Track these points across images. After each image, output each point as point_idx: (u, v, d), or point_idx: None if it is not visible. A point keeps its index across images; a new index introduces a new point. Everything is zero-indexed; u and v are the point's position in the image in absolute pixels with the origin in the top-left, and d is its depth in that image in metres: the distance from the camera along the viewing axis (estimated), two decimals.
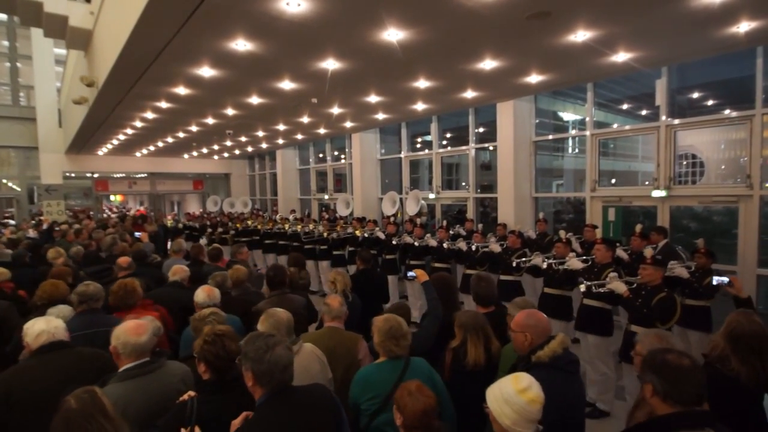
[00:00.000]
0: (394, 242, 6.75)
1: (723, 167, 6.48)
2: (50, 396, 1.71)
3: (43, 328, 2.12)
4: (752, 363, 1.95)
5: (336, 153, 12.07)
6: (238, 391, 1.73)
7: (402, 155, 9.76)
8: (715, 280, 3.52)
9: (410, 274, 3.46)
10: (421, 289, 3.16)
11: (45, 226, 9.55)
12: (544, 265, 4.65)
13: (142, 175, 15.95)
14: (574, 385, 1.99)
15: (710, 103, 5.87)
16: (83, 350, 2.20)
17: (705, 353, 2.16)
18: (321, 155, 12.60)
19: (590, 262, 4.35)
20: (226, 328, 1.92)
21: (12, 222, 12.87)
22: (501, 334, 2.56)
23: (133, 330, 1.96)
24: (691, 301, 4.11)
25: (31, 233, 8.74)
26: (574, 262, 4.29)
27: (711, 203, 5.54)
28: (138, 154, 13.96)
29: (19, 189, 13.96)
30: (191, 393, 1.80)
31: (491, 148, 8.06)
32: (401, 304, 3.21)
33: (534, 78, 5.48)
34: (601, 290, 3.66)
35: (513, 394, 1.48)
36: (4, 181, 14.30)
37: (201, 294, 2.96)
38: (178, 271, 3.78)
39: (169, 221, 12.27)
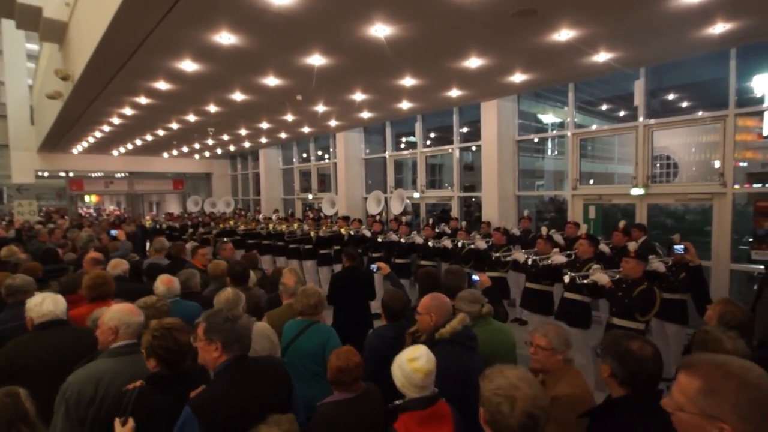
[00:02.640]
0: (379, 239, 6.76)
1: (694, 169, 6.76)
2: (48, 367, 2.04)
3: (51, 308, 2.30)
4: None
5: (320, 152, 12.00)
6: (184, 385, 1.77)
7: (387, 155, 9.77)
8: (676, 249, 3.69)
9: (373, 266, 3.72)
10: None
11: (17, 227, 9.24)
12: (523, 260, 4.74)
13: (120, 175, 15.50)
14: (472, 359, 2.16)
15: (685, 104, 6.09)
16: (77, 328, 2.39)
17: (689, 343, 2.23)
18: (305, 155, 12.50)
19: (573, 257, 4.45)
20: (174, 321, 1.90)
21: None
22: None
23: (131, 312, 2.08)
24: (668, 295, 4.23)
25: (0, 233, 8.42)
26: (558, 257, 4.38)
27: (687, 201, 5.73)
28: (115, 153, 13.55)
29: None
30: (137, 383, 1.79)
31: (474, 148, 8.16)
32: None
33: (518, 77, 5.57)
34: (585, 281, 3.75)
35: (404, 362, 1.72)
36: None
37: (160, 286, 3.02)
38: (117, 264, 3.79)
39: (147, 222, 11.96)
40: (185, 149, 13.10)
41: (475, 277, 3.24)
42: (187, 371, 1.85)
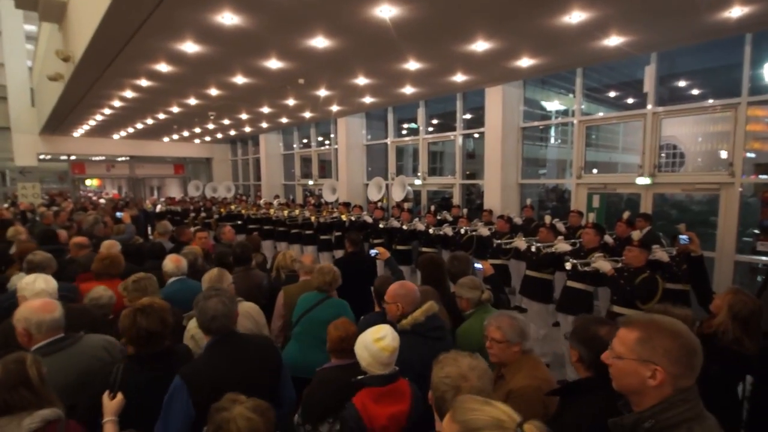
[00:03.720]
0: (381, 226, 6.74)
1: (700, 159, 6.67)
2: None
3: (43, 287, 2.31)
4: (757, 338, 2.07)
5: (321, 138, 11.90)
6: (167, 361, 1.84)
7: (388, 141, 9.68)
8: (681, 239, 3.65)
9: (373, 251, 3.77)
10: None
11: (21, 209, 9.33)
12: (524, 247, 4.71)
13: (121, 159, 15.43)
14: (434, 350, 1.99)
15: (695, 92, 5.97)
16: (73, 306, 2.36)
17: (704, 330, 2.22)
18: (305, 140, 12.41)
19: (578, 245, 4.42)
20: (155, 299, 1.96)
21: None
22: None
23: (41, 308, 1.91)
24: (670, 285, 4.20)
25: (6, 214, 8.48)
26: (562, 245, 4.35)
27: (694, 190, 5.67)
28: (116, 137, 13.46)
29: None
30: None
31: (476, 135, 8.07)
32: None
33: (525, 62, 5.46)
34: (587, 269, 3.73)
35: (370, 341, 1.78)
36: None
37: (169, 264, 3.10)
38: (111, 245, 3.83)
39: (148, 206, 11.98)
40: (186, 133, 13.00)
41: (478, 265, 3.20)
42: (170, 348, 1.91)
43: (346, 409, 1.77)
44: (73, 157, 14.40)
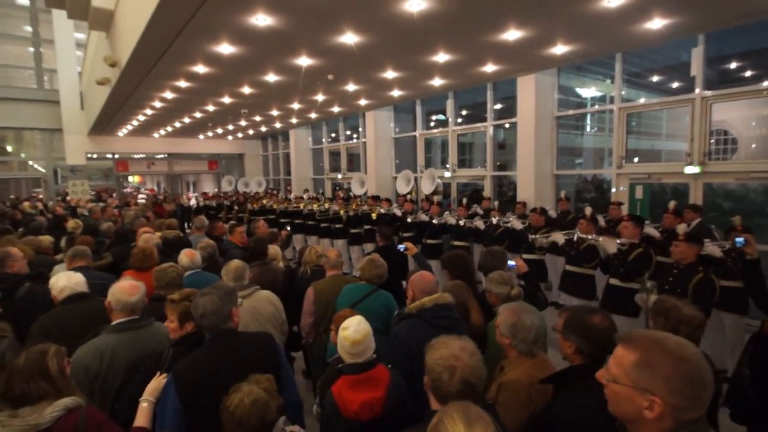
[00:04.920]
0: (409, 220, 6.70)
1: (754, 145, 6.20)
2: (75, 335, 2.10)
3: (65, 284, 2.43)
4: None
5: (349, 132, 11.97)
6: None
7: (417, 133, 9.61)
8: (737, 242, 3.44)
9: (401, 247, 3.80)
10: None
11: (72, 205, 10.05)
12: (562, 242, 4.55)
13: (160, 156, 16.17)
14: (435, 335, 1.99)
15: (747, 74, 5.55)
16: (99, 299, 2.44)
17: (765, 331, 2.11)
18: (334, 135, 12.52)
19: (624, 248, 3.95)
20: (191, 290, 2.07)
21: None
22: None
23: (127, 290, 2.13)
24: (725, 282, 3.86)
25: (59, 210, 9.14)
26: (611, 246, 3.90)
27: (749, 180, 5.28)
28: (156, 135, 14.13)
29: (44, 170, 14.42)
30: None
31: (507, 125, 7.87)
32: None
33: (560, 49, 5.26)
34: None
35: (340, 330, 1.90)
36: (30, 162, 14.72)
37: (184, 258, 3.28)
38: (149, 239, 4.10)
39: (185, 201, 12.52)
40: (219, 131, 13.44)
41: (511, 263, 3.11)
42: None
43: (326, 396, 1.87)
44: (117, 156, 15.24)
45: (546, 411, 1.64)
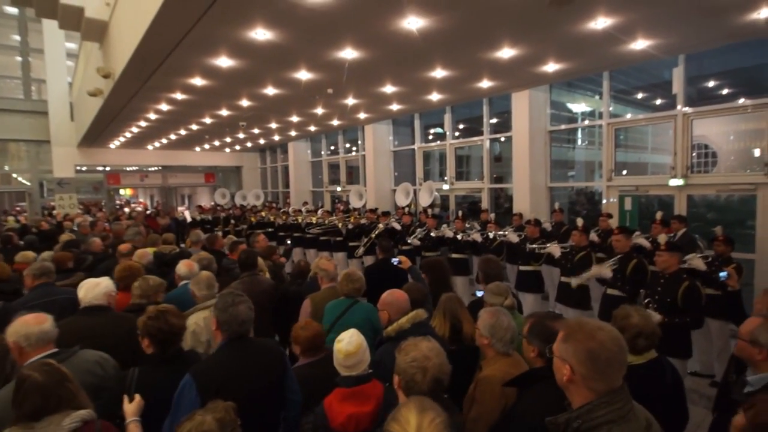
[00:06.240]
0: (408, 240, 6.67)
1: (733, 158, 6.41)
2: (90, 345, 2.08)
3: (82, 295, 2.44)
4: None
5: (348, 145, 12.08)
6: (179, 363, 1.94)
7: (415, 146, 9.75)
8: (721, 276, 3.65)
9: (395, 260, 3.88)
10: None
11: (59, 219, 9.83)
12: (558, 254, 4.65)
13: (154, 169, 16.02)
14: None
15: (725, 92, 5.80)
16: (115, 314, 2.50)
17: None
18: (333, 147, 12.62)
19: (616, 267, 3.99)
20: (169, 306, 2.07)
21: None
22: None
23: (32, 321, 1.89)
24: (710, 290, 4.04)
25: (45, 226, 8.89)
26: (605, 272, 3.93)
27: (729, 191, 5.50)
28: (150, 147, 13.97)
29: (29, 183, 13.95)
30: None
31: (503, 139, 8.04)
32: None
33: (551, 66, 5.45)
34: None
35: (335, 343, 1.91)
36: (14, 175, 14.30)
37: (182, 268, 3.33)
38: (143, 255, 4.04)
39: (179, 215, 12.38)
40: (216, 143, 13.41)
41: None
42: (180, 352, 2.03)
43: (318, 405, 1.91)
44: (108, 168, 15.01)
45: (510, 411, 1.74)
